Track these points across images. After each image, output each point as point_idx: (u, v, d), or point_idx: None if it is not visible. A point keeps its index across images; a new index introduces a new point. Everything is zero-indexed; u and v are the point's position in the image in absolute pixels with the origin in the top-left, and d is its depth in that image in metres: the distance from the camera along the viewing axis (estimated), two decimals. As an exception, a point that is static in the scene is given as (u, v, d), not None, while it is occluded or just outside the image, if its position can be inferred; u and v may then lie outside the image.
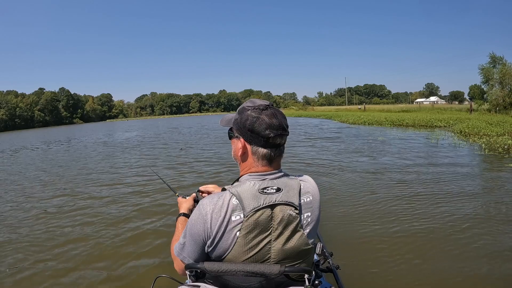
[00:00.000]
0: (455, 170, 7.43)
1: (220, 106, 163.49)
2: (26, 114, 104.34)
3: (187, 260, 1.39)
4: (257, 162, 1.36)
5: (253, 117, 1.33)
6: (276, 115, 1.34)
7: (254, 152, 1.36)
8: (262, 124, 1.31)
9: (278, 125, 1.32)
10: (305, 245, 1.36)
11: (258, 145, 1.34)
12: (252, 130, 1.33)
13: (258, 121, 1.32)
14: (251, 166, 1.37)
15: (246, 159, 1.39)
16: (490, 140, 11.47)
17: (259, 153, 1.34)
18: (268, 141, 1.32)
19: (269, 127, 1.31)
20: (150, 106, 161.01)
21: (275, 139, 1.32)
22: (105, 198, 6.56)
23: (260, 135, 1.31)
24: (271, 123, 1.31)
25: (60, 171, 10.38)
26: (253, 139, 1.34)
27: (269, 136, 1.31)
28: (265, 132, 1.31)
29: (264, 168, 1.36)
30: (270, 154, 1.34)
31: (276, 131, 1.31)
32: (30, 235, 4.75)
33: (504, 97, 24.20)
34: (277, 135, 1.32)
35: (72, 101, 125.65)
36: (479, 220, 4.40)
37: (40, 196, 7.04)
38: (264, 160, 1.35)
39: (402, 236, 4.02)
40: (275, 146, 1.35)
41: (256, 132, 1.32)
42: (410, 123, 22.12)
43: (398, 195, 5.67)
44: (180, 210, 1.80)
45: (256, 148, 1.35)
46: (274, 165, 1.37)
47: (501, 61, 25.52)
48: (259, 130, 1.31)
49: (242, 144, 1.38)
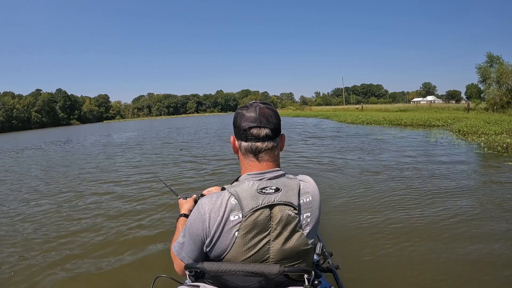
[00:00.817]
0: (456, 168, 7.48)
1: (218, 106, 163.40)
2: (23, 116, 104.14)
3: (186, 260, 1.40)
4: (245, 156, 1.39)
5: (237, 113, 1.41)
6: (256, 109, 1.37)
7: (240, 147, 1.40)
8: (241, 117, 1.37)
9: (255, 117, 1.35)
10: (304, 245, 1.36)
11: (241, 139, 1.38)
12: (236, 125, 1.40)
13: (239, 115, 1.39)
14: (245, 164, 1.41)
15: (240, 155, 1.44)
16: (488, 139, 11.52)
17: (242, 146, 1.38)
18: (246, 133, 1.35)
19: (246, 119, 1.36)
20: (147, 106, 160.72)
21: (250, 131, 1.35)
22: (106, 198, 6.58)
23: (239, 128, 1.37)
24: (248, 116, 1.36)
25: (65, 170, 10.37)
26: (237, 134, 1.40)
27: (245, 128, 1.35)
28: (241, 124, 1.36)
29: (253, 163, 1.38)
30: (251, 148, 1.36)
31: (252, 123, 1.35)
32: (29, 233, 4.81)
33: (501, 96, 24.26)
34: (253, 126, 1.34)
35: (69, 102, 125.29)
36: (486, 220, 4.34)
37: (44, 194, 7.06)
38: (249, 154, 1.38)
39: (403, 236, 4.00)
40: (256, 138, 1.35)
41: (237, 125, 1.38)
42: (408, 122, 22.16)
43: (398, 194, 5.67)
44: (181, 211, 1.81)
45: (240, 142, 1.40)
46: (267, 163, 1.38)
47: (498, 61, 25.66)
48: (239, 123, 1.37)
49: (232, 141, 1.46)
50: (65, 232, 4.85)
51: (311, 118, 41.16)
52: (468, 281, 3.04)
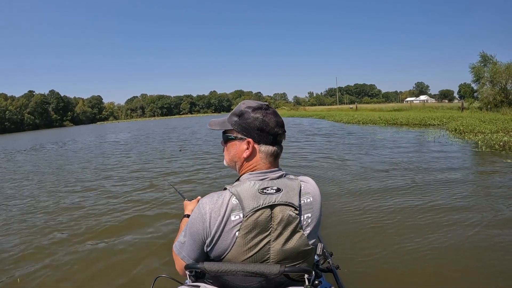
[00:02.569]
0: (460, 166, 7.61)
1: (211, 107, 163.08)
2: (16, 117, 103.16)
3: (187, 259, 1.40)
4: (264, 159, 1.40)
5: (261, 116, 1.38)
6: (277, 114, 1.42)
7: (262, 151, 1.39)
8: (271, 122, 1.38)
9: (281, 122, 1.41)
10: (305, 246, 1.36)
11: (267, 143, 1.38)
12: (262, 129, 1.37)
13: (266, 120, 1.38)
14: (255, 165, 1.40)
15: (252, 159, 1.41)
16: (485, 137, 11.71)
17: (268, 151, 1.39)
18: (276, 139, 1.39)
19: (277, 125, 1.38)
20: (141, 108, 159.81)
21: (282, 136, 1.41)
22: (108, 197, 6.59)
23: (270, 133, 1.37)
24: (277, 121, 1.39)
25: (67, 170, 10.32)
26: (262, 138, 1.38)
27: (278, 133, 1.38)
28: (274, 130, 1.37)
29: (268, 165, 1.40)
30: (277, 151, 1.41)
31: (282, 128, 1.41)
32: (29, 231, 4.88)
33: (494, 95, 24.66)
34: (283, 132, 1.41)
35: (62, 103, 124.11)
36: (499, 222, 4.24)
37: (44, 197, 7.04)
38: (271, 157, 1.40)
39: (403, 235, 3.97)
40: (279, 143, 1.42)
41: (266, 130, 1.37)
42: (404, 122, 22.29)
43: (399, 193, 5.65)
44: (185, 211, 1.83)
45: (265, 146, 1.39)
46: (274, 164, 1.42)
47: (492, 60, 26.06)
48: (269, 128, 1.37)
49: (251, 145, 1.40)
50: (67, 229, 4.89)
51: (306, 118, 41.09)
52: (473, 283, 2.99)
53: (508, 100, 24.43)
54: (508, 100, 24.40)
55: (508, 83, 24.72)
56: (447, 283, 3.02)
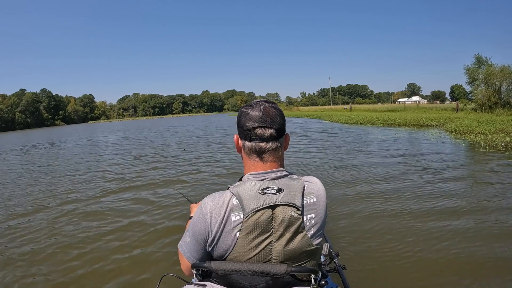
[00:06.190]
0: (469, 167, 7.76)
1: (203, 106, 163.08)
2: (7, 116, 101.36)
3: (191, 259, 1.41)
4: (248, 156, 1.39)
5: (241, 112, 1.40)
6: (261, 109, 1.36)
7: (243, 146, 1.40)
8: (245, 117, 1.37)
9: (259, 117, 1.34)
10: (308, 246, 1.34)
11: (245, 139, 1.38)
12: (239, 124, 1.40)
13: (243, 114, 1.38)
14: (248, 163, 1.41)
15: (244, 155, 1.43)
16: (487, 138, 11.91)
17: (246, 146, 1.38)
18: (250, 133, 1.35)
19: (250, 119, 1.35)
20: (133, 107, 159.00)
21: (255, 131, 1.34)
22: (112, 198, 6.62)
23: (243, 128, 1.37)
24: (253, 115, 1.35)
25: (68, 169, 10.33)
26: (241, 133, 1.40)
27: (249, 127, 1.34)
28: (246, 124, 1.35)
29: (257, 163, 1.38)
30: (255, 148, 1.36)
31: (256, 122, 1.34)
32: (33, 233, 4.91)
33: (489, 96, 25.12)
34: (257, 126, 1.34)
35: (53, 102, 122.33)
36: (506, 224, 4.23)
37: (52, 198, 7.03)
38: (252, 154, 1.38)
39: (409, 235, 3.98)
40: (260, 139, 1.35)
41: (241, 125, 1.38)
42: (402, 122, 22.47)
43: (405, 193, 5.66)
44: (191, 214, 1.83)
45: (243, 141, 1.39)
46: (270, 163, 1.38)
47: (486, 62, 26.57)
48: (243, 123, 1.37)
49: (236, 140, 1.45)
50: (75, 228, 4.97)
51: (301, 119, 40.90)
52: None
53: (502, 101, 24.96)
54: (502, 102, 24.94)
55: (502, 84, 25.23)
56: (455, 284, 3.01)
